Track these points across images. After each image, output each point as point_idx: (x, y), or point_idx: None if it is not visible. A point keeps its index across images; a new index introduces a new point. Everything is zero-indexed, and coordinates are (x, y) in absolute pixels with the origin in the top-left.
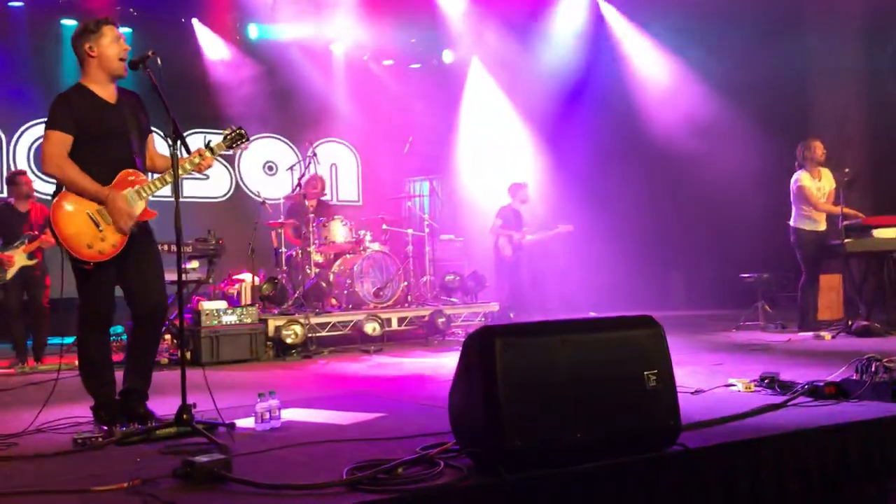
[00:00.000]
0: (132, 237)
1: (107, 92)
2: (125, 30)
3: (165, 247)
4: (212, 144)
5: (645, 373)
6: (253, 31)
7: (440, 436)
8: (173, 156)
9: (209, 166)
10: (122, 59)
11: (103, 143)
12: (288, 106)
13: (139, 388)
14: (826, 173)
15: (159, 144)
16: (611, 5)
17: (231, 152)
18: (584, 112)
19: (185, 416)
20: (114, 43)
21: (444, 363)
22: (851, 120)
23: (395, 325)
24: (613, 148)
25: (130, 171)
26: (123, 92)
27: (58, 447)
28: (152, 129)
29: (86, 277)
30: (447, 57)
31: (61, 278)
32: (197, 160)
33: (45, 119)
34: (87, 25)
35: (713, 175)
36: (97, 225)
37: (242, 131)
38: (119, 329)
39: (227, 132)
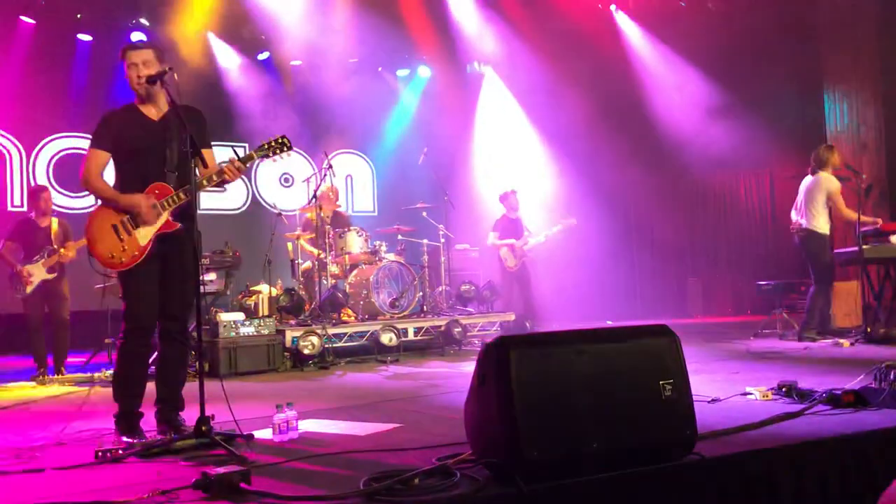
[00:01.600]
0: (168, 250)
1: (151, 110)
2: (140, 37)
3: None
4: (241, 155)
5: (660, 382)
6: (263, 55)
7: (457, 446)
8: (191, 171)
9: (238, 176)
10: (138, 83)
11: (137, 158)
12: (304, 118)
13: (166, 399)
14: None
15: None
16: (624, 13)
17: (270, 160)
18: (602, 122)
19: (203, 428)
20: (129, 69)
21: (461, 373)
22: (868, 126)
23: (411, 336)
24: (631, 156)
25: (158, 184)
26: (175, 108)
27: (79, 459)
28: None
29: (126, 286)
30: (469, 68)
31: (101, 292)
32: (222, 174)
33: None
34: (121, 54)
35: (731, 183)
36: (119, 236)
37: (286, 139)
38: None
39: (269, 140)
